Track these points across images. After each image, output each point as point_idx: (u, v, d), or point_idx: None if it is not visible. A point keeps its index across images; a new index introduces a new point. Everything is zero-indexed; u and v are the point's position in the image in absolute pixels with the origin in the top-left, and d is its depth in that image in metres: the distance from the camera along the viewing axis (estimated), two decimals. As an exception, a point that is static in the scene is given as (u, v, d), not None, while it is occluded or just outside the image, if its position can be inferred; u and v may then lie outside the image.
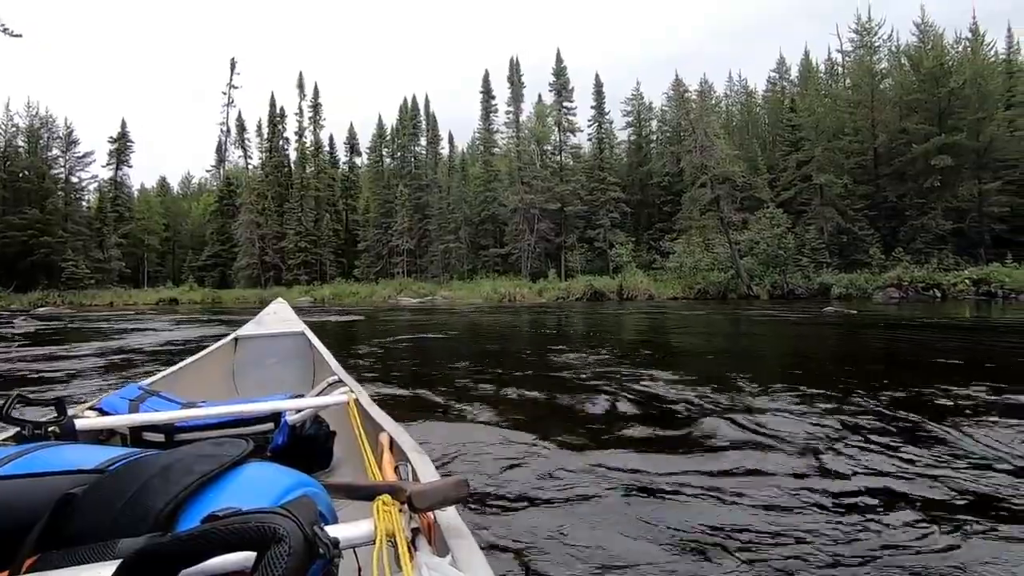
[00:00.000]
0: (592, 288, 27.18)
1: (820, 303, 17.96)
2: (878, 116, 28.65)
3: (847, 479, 2.13)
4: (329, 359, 2.64)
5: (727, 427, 2.87)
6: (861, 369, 5.22)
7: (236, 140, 47.32)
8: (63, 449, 0.90)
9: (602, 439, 2.73)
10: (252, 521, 0.51)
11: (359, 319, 14.81)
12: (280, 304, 3.81)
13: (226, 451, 0.77)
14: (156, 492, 0.68)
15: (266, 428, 1.67)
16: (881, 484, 2.07)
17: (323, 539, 0.53)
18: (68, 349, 7.61)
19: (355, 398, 1.73)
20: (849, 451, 2.45)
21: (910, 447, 2.47)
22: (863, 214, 28.28)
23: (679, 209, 32.83)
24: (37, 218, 38.01)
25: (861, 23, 31.20)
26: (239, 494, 0.69)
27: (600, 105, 39.98)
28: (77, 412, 1.52)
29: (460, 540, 0.78)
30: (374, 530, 0.70)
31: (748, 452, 2.47)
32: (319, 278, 39.92)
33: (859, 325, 10.21)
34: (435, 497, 0.77)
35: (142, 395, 1.73)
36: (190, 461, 0.73)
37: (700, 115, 29.28)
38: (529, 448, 2.59)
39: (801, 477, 2.16)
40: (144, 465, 0.74)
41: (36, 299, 32.79)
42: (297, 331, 3.30)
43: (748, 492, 2.01)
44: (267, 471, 0.76)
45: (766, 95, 43.74)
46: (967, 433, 2.66)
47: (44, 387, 4.45)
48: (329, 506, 0.75)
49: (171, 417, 1.55)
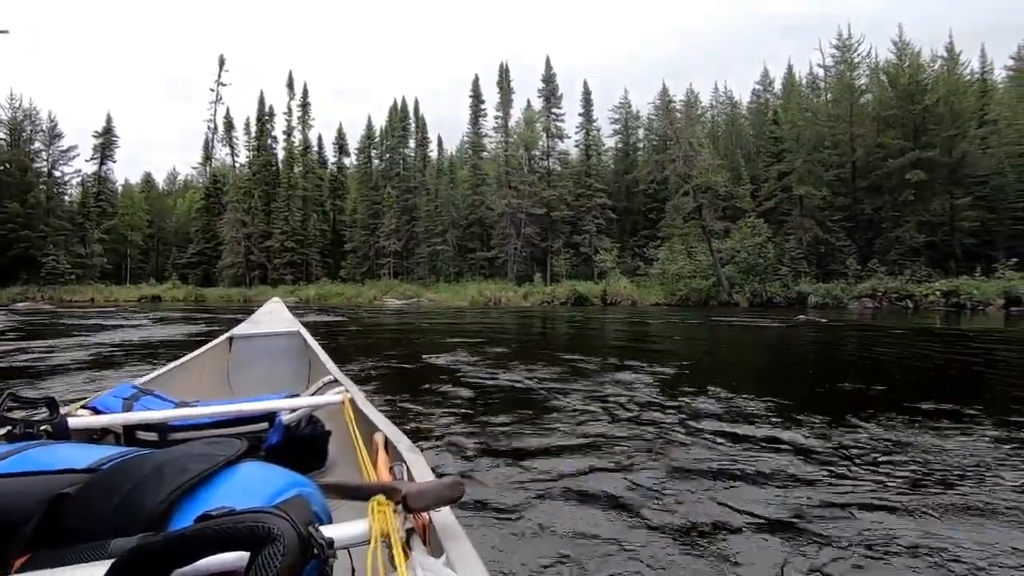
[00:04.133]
0: (576, 293, 27.55)
1: (797, 312, 18.43)
2: (857, 130, 29.36)
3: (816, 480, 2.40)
4: (325, 359, 2.62)
5: (695, 426, 3.16)
6: (826, 375, 5.56)
7: (223, 138, 47.06)
8: (55, 448, 0.90)
9: (569, 443, 2.84)
10: (246, 521, 0.51)
11: (340, 319, 14.96)
12: (276, 303, 3.81)
13: (220, 450, 0.77)
14: (149, 491, 0.67)
15: (260, 428, 1.68)
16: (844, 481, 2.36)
17: (317, 539, 0.54)
18: (50, 345, 7.69)
19: (350, 398, 1.71)
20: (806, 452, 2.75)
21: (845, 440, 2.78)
22: (841, 225, 28.98)
23: (664, 217, 33.33)
24: (18, 212, 37.51)
25: (842, 39, 31.99)
26: (233, 494, 0.69)
27: (588, 112, 40.44)
28: (70, 411, 1.51)
29: (455, 540, 0.77)
30: (369, 530, 0.70)
31: (704, 449, 2.76)
32: (305, 278, 39.79)
33: (829, 333, 10.65)
34: (430, 497, 0.77)
35: (136, 394, 1.73)
36: (184, 460, 0.73)
37: (685, 125, 29.87)
38: (493, 454, 2.68)
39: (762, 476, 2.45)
40: (137, 464, 0.73)
41: (15, 294, 32.42)
42: (293, 330, 3.29)
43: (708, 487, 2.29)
44: (261, 471, 0.76)
45: (751, 107, 44.55)
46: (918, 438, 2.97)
47: (24, 383, 4.55)
48: (324, 506, 0.74)
49: (165, 416, 1.54)
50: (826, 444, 2.74)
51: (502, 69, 40.09)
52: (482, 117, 42.04)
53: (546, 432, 3.03)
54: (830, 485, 2.20)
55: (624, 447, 2.72)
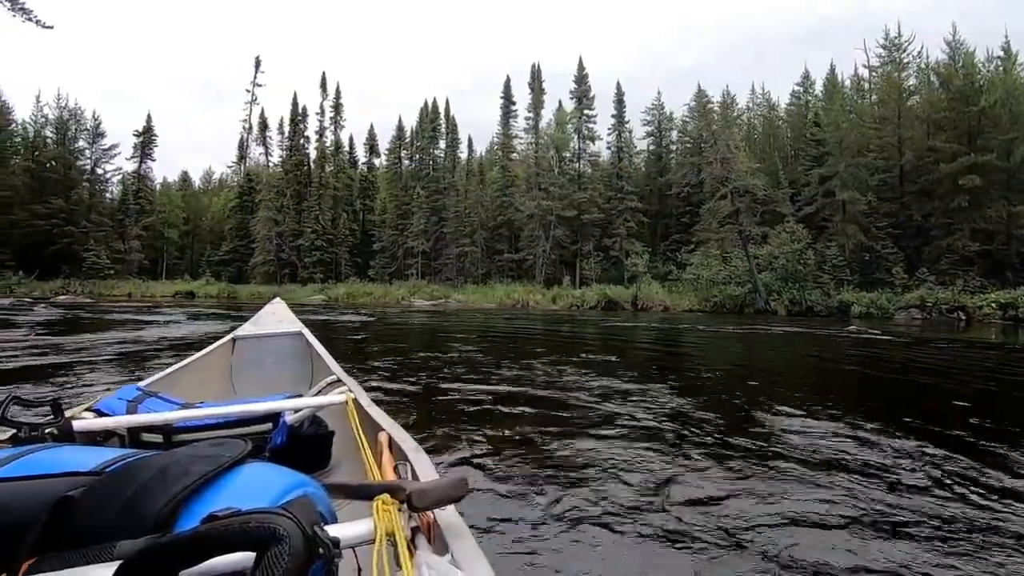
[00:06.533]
0: (607, 297, 26.98)
1: (840, 321, 17.58)
2: (905, 133, 28.09)
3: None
4: (327, 359, 2.62)
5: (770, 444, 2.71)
6: (903, 392, 4.99)
7: (258, 138, 47.81)
8: (60, 451, 0.89)
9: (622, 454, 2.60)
10: (252, 521, 0.51)
11: (370, 319, 14.77)
12: (278, 304, 3.78)
13: (225, 451, 0.76)
14: (154, 493, 0.67)
15: (264, 428, 1.66)
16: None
17: (323, 539, 0.53)
18: (85, 340, 7.62)
19: (353, 398, 1.72)
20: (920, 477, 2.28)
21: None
22: (886, 232, 27.68)
23: (697, 221, 32.50)
24: (62, 208, 38.70)
25: (890, 39, 30.71)
26: (238, 495, 0.68)
27: (620, 114, 39.78)
28: (74, 413, 1.51)
29: (460, 539, 0.77)
30: (374, 529, 0.70)
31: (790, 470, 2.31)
32: (334, 277, 40.08)
33: (889, 346, 9.89)
34: (434, 496, 0.77)
35: (140, 396, 1.72)
36: (188, 462, 0.72)
37: (722, 126, 29.01)
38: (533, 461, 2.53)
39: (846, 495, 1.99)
40: (142, 466, 0.73)
41: (57, 287, 33.35)
42: (295, 331, 3.27)
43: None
44: (266, 471, 0.76)
45: (789, 109, 43.22)
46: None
47: (58, 379, 4.41)
48: (328, 506, 0.75)
49: (169, 418, 1.54)
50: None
51: (534, 70, 39.77)
52: (512, 118, 41.81)
53: (575, 438, 2.94)
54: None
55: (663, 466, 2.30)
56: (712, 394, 4.38)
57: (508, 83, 41.86)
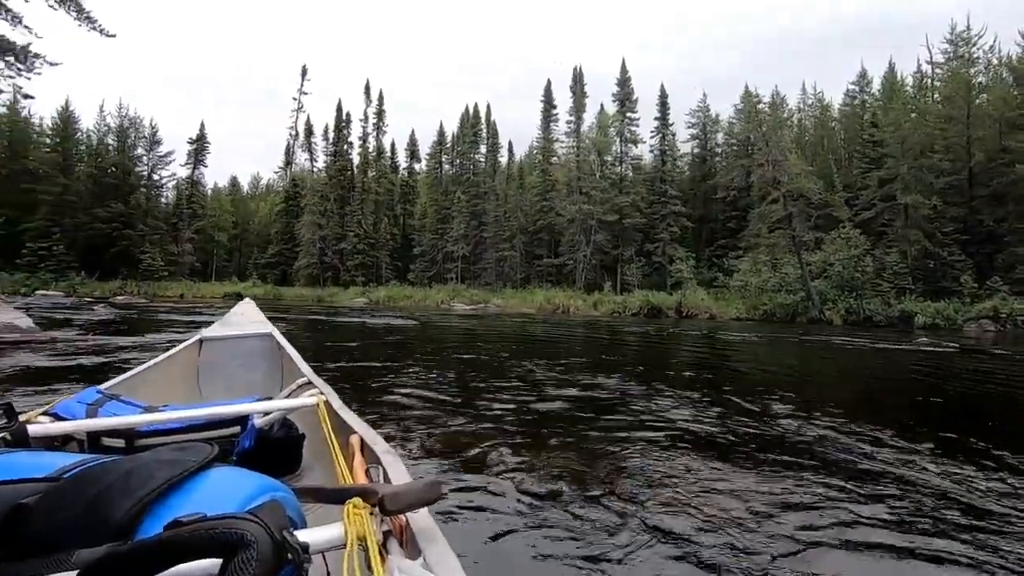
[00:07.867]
0: (649, 304, 26.24)
1: (902, 332, 16.44)
2: (975, 133, 26.32)
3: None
4: (298, 361, 2.56)
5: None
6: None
7: (303, 143, 49.14)
8: (13, 456, 0.85)
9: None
10: (218, 527, 0.50)
11: (413, 323, 14.68)
12: (247, 304, 3.66)
13: (190, 456, 0.74)
14: (116, 499, 0.64)
15: (232, 432, 1.61)
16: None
17: (292, 544, 0.52)
18: (144, 339, 7.70)
19: (325, 400, 1.68)
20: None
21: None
22: (953, 238, 25.96)
23: (744, 226, 31.36)
24: (121, 212, 40.58)
25: (956, 33, 28.91)
26: (204, 500, 0.66)
27: (664, 116, 38.91)
28: (29, 417, 1.45)
29: (433, 542, 0.76)
30: (344, 534, 0.69)
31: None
32: (375, 280, 40.61)
33: (974, 362, 9.00)
34: (407, 499, 0.75)
35: (101, 399, 1.65)
36: (152, 467, 0.69)
37: (772, 127, 27.86)
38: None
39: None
40: (102, 472, 0.70)
41: (116, 288, 34.92)
42: (265, 332, 3.16)
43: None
44: (233, 476, 0.74)
45: (843, 109, 41.32)
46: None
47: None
48: (298, 510, 0.74)
49: (132, 422, 1.49)
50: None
51: (576, 73, 39.40)
52: (553, 122, 41.52)
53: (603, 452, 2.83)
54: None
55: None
56: (766, 404, 3.92)
57: (549, 86, 41.68)
